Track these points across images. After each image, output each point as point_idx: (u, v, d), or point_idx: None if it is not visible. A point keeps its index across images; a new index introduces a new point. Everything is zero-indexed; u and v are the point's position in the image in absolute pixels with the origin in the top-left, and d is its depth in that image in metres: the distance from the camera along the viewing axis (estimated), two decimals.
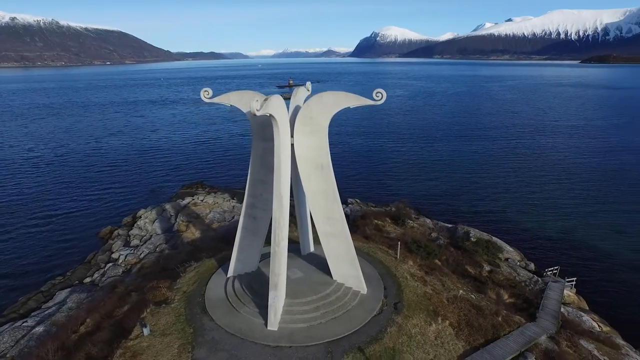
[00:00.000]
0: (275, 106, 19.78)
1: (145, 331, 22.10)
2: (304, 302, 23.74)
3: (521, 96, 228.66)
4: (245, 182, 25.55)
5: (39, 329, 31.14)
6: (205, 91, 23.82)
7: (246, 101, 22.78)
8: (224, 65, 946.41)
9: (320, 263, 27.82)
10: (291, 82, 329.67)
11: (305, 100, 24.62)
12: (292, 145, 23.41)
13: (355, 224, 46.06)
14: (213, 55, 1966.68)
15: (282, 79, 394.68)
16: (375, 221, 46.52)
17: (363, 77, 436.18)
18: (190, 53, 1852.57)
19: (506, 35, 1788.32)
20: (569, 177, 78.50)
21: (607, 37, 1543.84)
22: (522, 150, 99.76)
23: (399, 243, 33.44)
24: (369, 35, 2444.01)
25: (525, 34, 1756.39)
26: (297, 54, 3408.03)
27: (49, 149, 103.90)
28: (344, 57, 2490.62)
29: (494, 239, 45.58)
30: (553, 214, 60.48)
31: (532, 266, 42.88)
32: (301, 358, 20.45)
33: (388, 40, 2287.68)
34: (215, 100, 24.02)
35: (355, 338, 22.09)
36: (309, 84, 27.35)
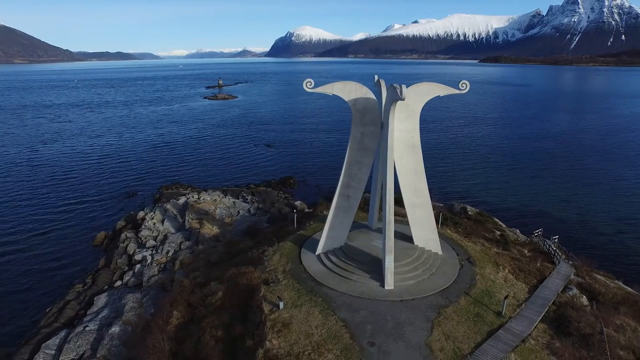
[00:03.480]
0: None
1: (281, 305, 23.99)
2: (404, 264, 27.42)
3: None
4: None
5: (114, 329, 30.44)
6: (308, 82, 26.19)
7: (350, 92, 25.75)
8: (139, 67, 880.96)
9: None
10: (220, 82, 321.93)
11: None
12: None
13: None
14: (120, 56, 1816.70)
15: (208, 79, 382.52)
16: None
17: (290, 77, 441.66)
18: (94, 53, 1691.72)
19: (414, 36, 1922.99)
20: (513, 159, 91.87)
21: (497, 40, 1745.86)
22: (464, 140, 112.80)
23: (440, 213, 38.46)
24: (284, 35, 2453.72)
25: (430, 35, 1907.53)
26: (212, 54, 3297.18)
27: None
28: (260, 57, 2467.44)
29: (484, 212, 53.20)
30: (515, 189, 71.21)
31: (518, 231, 51.04)
32: (427, 305, 24.25)
33: (303, 40, 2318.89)
34: (319, 89, 26.50)
35: (456, 286, 26.47)
36: (378, 78, 30.81)
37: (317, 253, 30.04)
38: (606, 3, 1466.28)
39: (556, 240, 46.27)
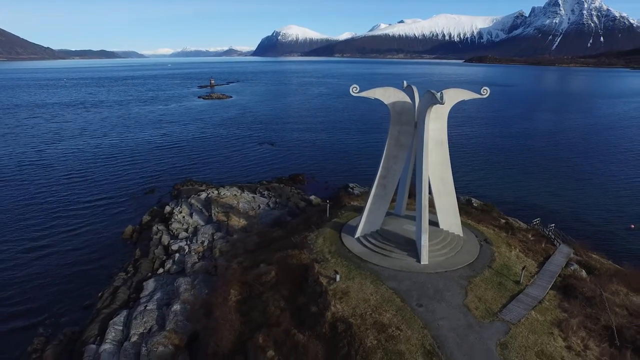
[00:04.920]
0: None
1: (338, 277, 28.30)
2: (434, 244, 32.00)
3: None
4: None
5: (176, 307, 34.18)
6: (354, 87, 30.53)
7: (390, 96, 30.23)
8: (127, 65, 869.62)
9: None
10: (212, 82, 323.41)
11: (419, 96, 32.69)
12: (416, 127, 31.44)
13: None
14: (104, 54, 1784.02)
15: (199, 79, 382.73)
16: None
17: (281, 76, 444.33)
18: (76, 51, 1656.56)
19: (399, 35, 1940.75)
20: (505, 155, 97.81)
21: (481, 40, 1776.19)
22: (458, 139, 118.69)
23: None
24: (270, 34, 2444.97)
25: (416, 34, 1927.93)
26: (198, 53, 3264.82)
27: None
28: (246, 56, 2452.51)
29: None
30: (510, 184, 76.87)
31: (519, 220, 56.26)
32: (458, 276, 28.93)
33: (289, 39, 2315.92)
34: (363, 94, 30.83)
35: (479, 261, 31.27)
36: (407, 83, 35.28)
37: (356, 236, 34.44)
38: (585, 5, 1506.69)
39: (553, 227, 51.70)
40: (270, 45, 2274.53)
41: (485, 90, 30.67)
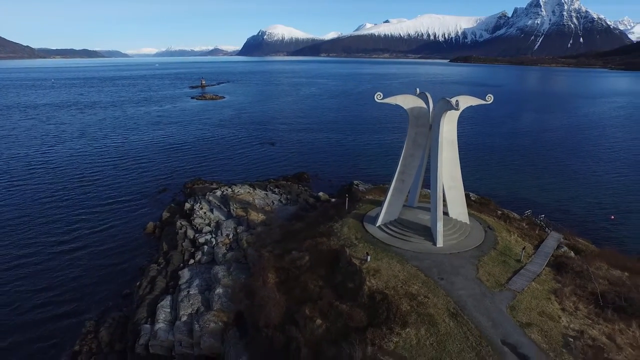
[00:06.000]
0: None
1: (369, 258, 33.04)
2: (446, 230, 37.02)
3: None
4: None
5: (218, 290, 38.38)
6: (378, 94, 35.27)
7: (409, 102, 35.09)
8: (113, 65, 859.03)
9: (428, 209, 41.13)
10: (203, 82, 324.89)
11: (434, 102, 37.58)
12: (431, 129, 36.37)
13: None
14: (87, 53, 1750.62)
15: (189, 79, 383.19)
16: None
17: (270, 76, 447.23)
18: (57, 50, 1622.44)
19: (385, 35, 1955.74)
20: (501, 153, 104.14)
21: (466, 40, 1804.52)
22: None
23: None
24: (256, 33, 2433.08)
25: (401, 34, 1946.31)
26: (183, 53, 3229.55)
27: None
28: (231, 55, 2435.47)
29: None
30: (500, 180, 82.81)
31: (513, 212, 61.90)
32: (469, 256, 34.05)
33: (275, 38, 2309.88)
34: (385, 100, 35.50)
35: (486, 244, 36.48)
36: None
37: (377, 225, 39.23)
38: (565, 7, 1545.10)
39: (543, 217, 57.46)
40: (256, 45, 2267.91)
41: (489, 97, 35.79)
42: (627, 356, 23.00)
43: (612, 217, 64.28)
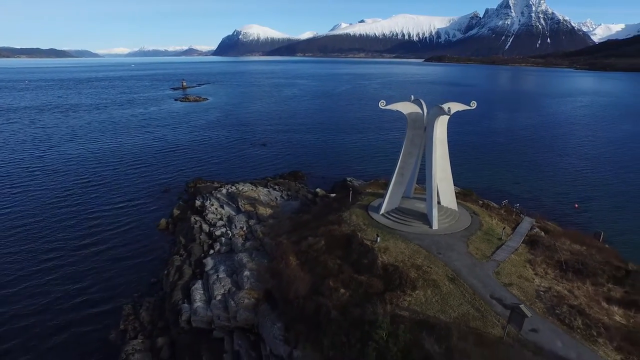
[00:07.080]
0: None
1: (378, 239, 39.54)
2: (441, 215, 43.97)
3: (401, 92, 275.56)
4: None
5: (246, 273, 43.99)
6: (382, 102, 41.79)
7: (408, 108, 41.83)
8: (86, 65, 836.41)
9: (423, 198, 48.03)
10: (184, 84, 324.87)
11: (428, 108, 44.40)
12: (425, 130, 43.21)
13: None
14: (54, 53, 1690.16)
15: (168, 80, 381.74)
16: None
17: (250, 77, 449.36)
18: (22, 49, 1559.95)
19: (360, 35, 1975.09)
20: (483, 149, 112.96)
21: (439, 40, 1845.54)
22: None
23: None
24: (231, 33, 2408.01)
25: (377, 34, 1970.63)
26: (156, 53, 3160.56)
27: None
28: (206, 55, 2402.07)
29: None
30: (478, 175, 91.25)
31: (492, 202, 69.85)
32: (460, 236, 41.17)
33: (251, 38, 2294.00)
34: (388, 107, 42.01)
35: (473, 226, 43.76)
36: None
37: (381, 213, 45.81)
38: (533, 8, 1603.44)
39: (518, 205, 65.65)
40: (231, 45, 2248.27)
41: (473, 103, 42.89)
42: (580, 303, 30.37)
43: (576, 205, 73.29)
